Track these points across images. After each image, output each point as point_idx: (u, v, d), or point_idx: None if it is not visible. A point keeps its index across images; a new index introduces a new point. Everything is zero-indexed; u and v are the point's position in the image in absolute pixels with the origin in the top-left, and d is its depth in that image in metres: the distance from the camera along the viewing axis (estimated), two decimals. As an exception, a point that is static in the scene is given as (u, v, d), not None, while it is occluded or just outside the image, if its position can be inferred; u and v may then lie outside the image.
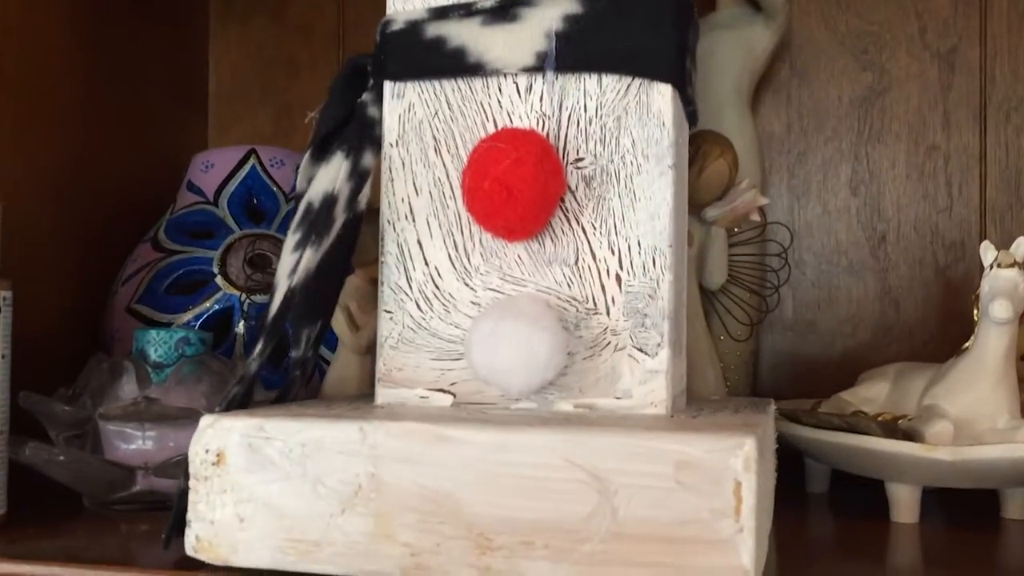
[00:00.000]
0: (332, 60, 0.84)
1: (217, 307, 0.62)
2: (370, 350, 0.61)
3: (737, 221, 0.59)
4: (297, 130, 0.84)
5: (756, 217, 0.59)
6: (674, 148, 0.44)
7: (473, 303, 0.45)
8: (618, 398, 0.43)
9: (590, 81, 0.45)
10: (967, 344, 0.55)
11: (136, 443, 0.48)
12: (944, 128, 0.72)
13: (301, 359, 0.47)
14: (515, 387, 0.42)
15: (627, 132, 0.44)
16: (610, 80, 0.44)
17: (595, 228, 0.44)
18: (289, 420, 0.39)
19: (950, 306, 0.72)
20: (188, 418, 0.48)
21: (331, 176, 0.47)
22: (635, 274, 0.44)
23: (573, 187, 0.44)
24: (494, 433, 0.37)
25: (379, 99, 0.48)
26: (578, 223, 0.44)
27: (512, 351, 0.41)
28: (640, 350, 0.43)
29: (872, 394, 0.59)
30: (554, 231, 0.45)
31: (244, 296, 0.59)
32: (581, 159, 0.44)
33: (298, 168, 0.54)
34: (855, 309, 0.73)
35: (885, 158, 0.73)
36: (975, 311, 0.55)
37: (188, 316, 0.62)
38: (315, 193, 0.47)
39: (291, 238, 0.47)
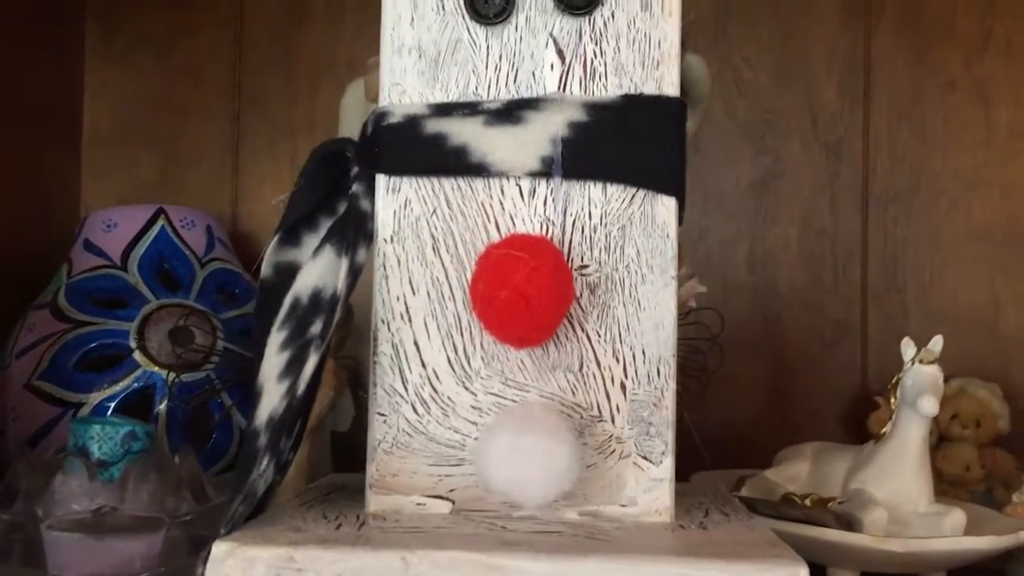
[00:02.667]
0: (227, 109, 0.80)
1: (136, 385, 0.57)
2: (314, 431, 0.58)
3: (679, 308, 0.61)
4: (187, 182, 0.79)
5: (693, 303, 0.62)
6: (677, 259, 0.45)
7: (474, 407, 0.45)
8: (623, 506, 0.44)
9: (595, 189, 0.45)
10: (885, 430, 0.59)
11: (93, 556, 0.44)
12: (831, 213, 0.78)
13: (287, 463, 0.45)
14: (534, 500, 0.42)
15: (632, 242, 0.45)
16: (615, 189, 0.45)
17: (600, 336, 0.45)
18: (322, 549, 0.37)
19: (836, 381, 0.77)
20: (154, 529, 0.44)
21: (320, 271, 0.45)
22: (640, 383, 0.44)
23: (578, 294, 0.45)
24: (549, 563, 0.36)
25: (370, 191, 0.46)
26: (583, 330, 0.45)
27: (534, 466, 0.41)
28: (645, 458, 0.44)
29: (794, 473, 0.63)
30: (558, 337, 0.45)
31: (173, 374, 0.55)
32: (586, 266, 0.45)
33: (210, 229, 0.52)
34: (751, 382, 0.77)
35: (779, 239, 0.78)
36: (892, 399, 0.59)
37: (102, 396, 0.57)
38: (303, 288, 0.45)
39: (276, 336, 0.45)
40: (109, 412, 0.56)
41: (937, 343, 0.58)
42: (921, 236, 0.77)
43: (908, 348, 0.59)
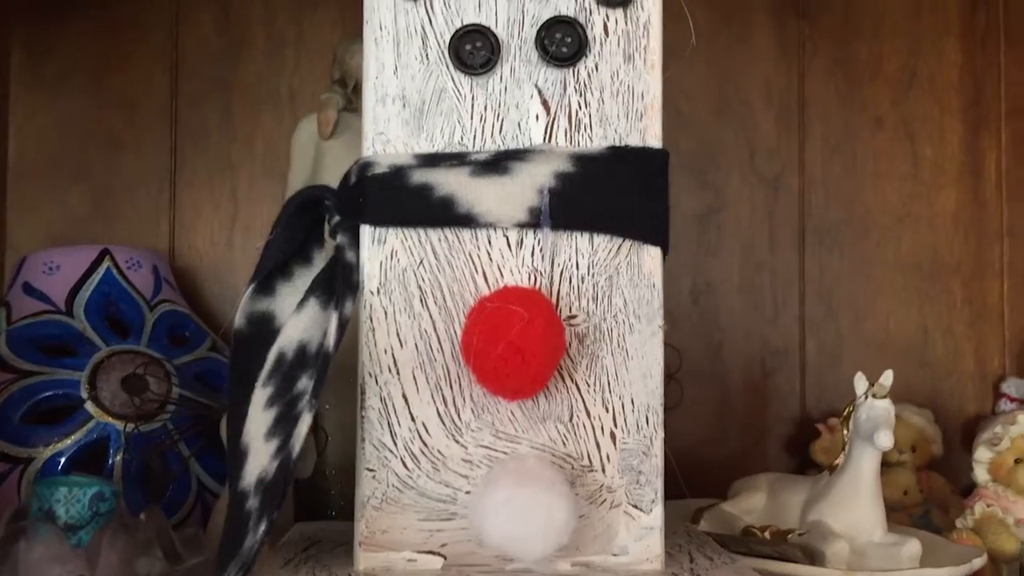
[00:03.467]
0: (163, 141, 0.77)
1: (90, 438, 0.55)
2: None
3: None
4: (122, 217, 0.76)
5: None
6: (663, 307, 0.46)
7: (464, 460, 0.44)
8: (615, 555, 0.44)
9: (582, 239, 0.45)
10: (838, 461, 0.61)
11: (67, 631, 0.42)
12: (770, 246, 0.80)
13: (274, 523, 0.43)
14: (533, 554, 0.42)
15: (619, 292, 0.45)
16: (602, 240, 0.45)
17: (589, 385, 0.45)
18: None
19: (776, 407, 0.80)
20: (134, 598, 0.42)
21: (305, 325, 0.44)
22: (629, 432, 0.45)
23: (567, 344, 0.45)
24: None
25: (355, 242, 0.45)
26: (572, 380, 0.45)
27: (533, 520, 0.41)
28: (635, 507, 0.44)
29: (750, 505, 0.64)
30: (548, 388, 0.45)
31: (132, 425, 0.53)
32: (574, 316, 0.45)
33: (157, 270, 0.50)
34: (695, 410, 0.79)
35: (720, 270, 0.80)
36: (844, 431, 0.61)
37: (53, 450, 0.54)
38: (287, 343, 0.44)
39: (260, 392, 0.43)
40: (61, 466, 0.53)
41: (887, 377, 0.60)
42: (854, 267, 0.80)
43: (860, 382, 0.61)
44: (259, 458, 0.42)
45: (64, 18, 0.76)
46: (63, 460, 0.53)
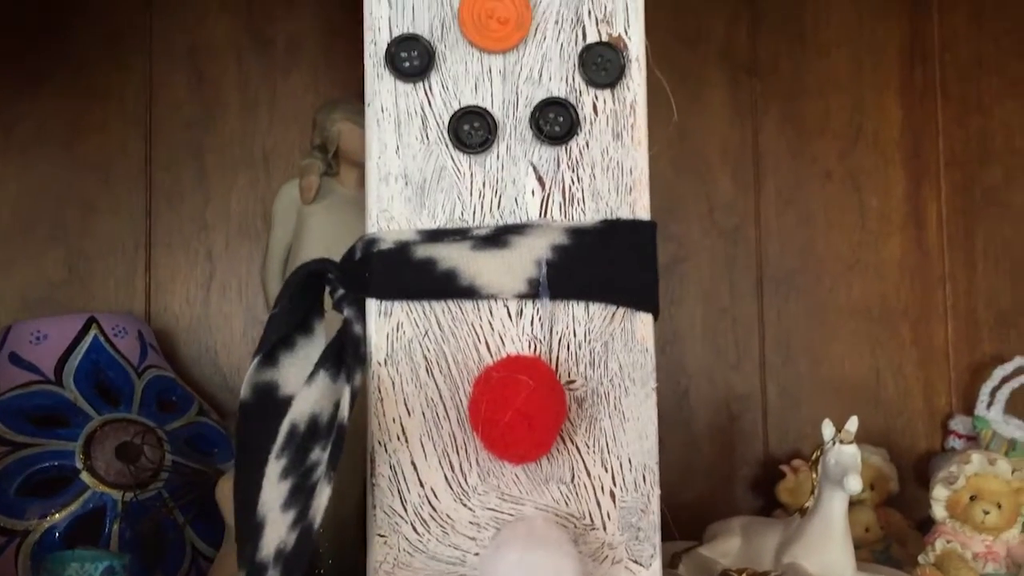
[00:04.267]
0: (138, 204, 0.78)
1: (86, 508, 0.55)
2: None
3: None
4: (96, 280, 0.76)
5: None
6: (656, 371, 0.48)
7: (472, 523, 0.46)
8: (618, 609, 0.46)
9: (578, 308, 0.48)
10: (808, 504, 0.65)
11: None
12: (731, 294, 0.84)
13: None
14: (545, 615, 0.43)
15: (614, 356, 0.48)
16: (597, 308, 0.48)
17: (588, 447, 0.47)
18: None
19: (741, 450, 0.83)
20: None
21: (316, 398, 0.46)
22: (628, 490, 0.47)
23: (568, 408, 0.47)
24: None
25: (361, 315, 0.47)
26: (572, 442, 0.47)
27: (544, 581, 0.43)
28: (635, 562, 0.47)
29: (726, 549, 0.67)
30: (550, 451, 0.47)
31: (131, 494, 0.53)
32: (573, 381, 0.47)
33: (142, 335, 0.51)
34: (664, 454, 0.81)
35: (684, 319, 0.83)
36: (813, 475, 0.65)
37: (50, 522, 0.54)
38: (299, 416, 0.45)
39: (274, 465, 0.45)
40: (58, 537, 0.53)
41: (853, 423, 0.64)
42: (809, 313, 0.84)
43: (827, 429, 0.64)
44: (277, 529, 0.43)
45: (37, 83, 0.77)
46: (60, 531, 0.53)
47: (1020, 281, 0.85)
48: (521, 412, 0.44)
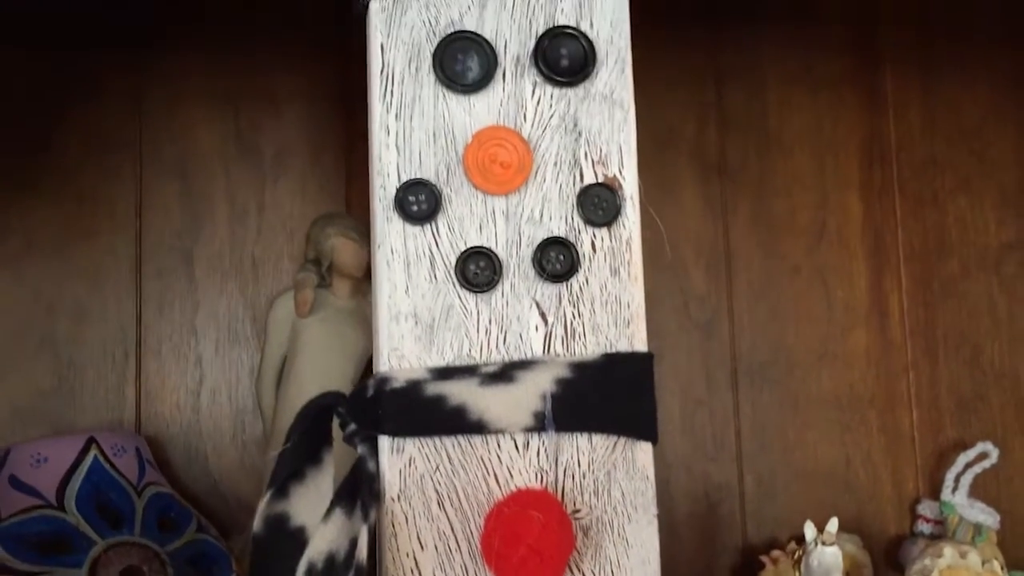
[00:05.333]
0: (128, 311, 0.79)
1: (92, 637, 0.56)
2: None
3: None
4: (86, 386, 0.77)
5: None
6: (656, 498, 0.50)
7: (485, 654, 0.48)
8: None
9: (582, 439, 0.50)
10: (791, 598, 0.67)
11: None
12: (707, 386, 0.86)
13: None
14: None
15: (617, 485, 0.50)
16: (599, 438, 0.50)
17: (594, 574, 0.49)
18: None
19: (720, 538, 0.85)
20: None
21: (332, 536, 0.47)
22: (633, 614, 0.49)
23: (574, 538, 0.49)
24: None
25: (374, 452, 0.49)
26: (579, 570, 0.49)
27: None
28: None
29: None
30: (559, 579, 0.49)
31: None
32: (578, 510, 0.49)
33: (139, 452, 0.52)
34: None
35: (663, 412, 0.85)
36: (796, 573, 0.67)
37: (57, 652, 0.55)
38: (316, 554, 0.47)
39: (292, 603, 0.46)
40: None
41: (833, 524, 0.66)
42: (782, 403, 0.87)
43: (809, 530, 0.67)
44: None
45: (27, 194, 0.78)
46: (67, 661, 0.54)
47: (978, 368, 0.90)
48: (533, 548, 0.46)
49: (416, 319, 0.50)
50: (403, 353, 0.50)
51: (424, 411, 0.49)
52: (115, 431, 0.67)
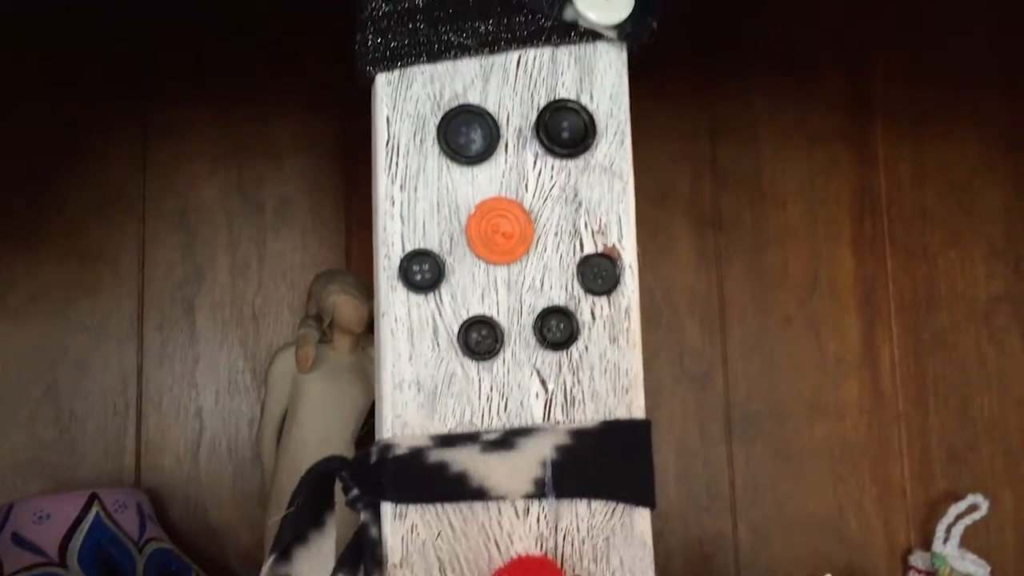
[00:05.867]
0: (129, 363, 0.79)
1: None
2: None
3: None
4: (87, 437, 0.77)
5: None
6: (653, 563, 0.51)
7: None
8: None
9: (581, 505, 0.51)
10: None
11: None
12: (701, 438, 0.87)
13: None
14: None
15: (616, 551, 0.51)
16: (598, 504, 0.51)
17: (593, 639, 0.50)
18: None
19: (715, 589, 0.86)
20: None
21: (335, 602, 0.48)
22: None
23: (574, 603, 0.50)
24: None
25: (377, 518, 0.49)
26: (578, 635, 0.50)
27: None
28: None
29: None
30: (559, 645, 0.49)
31: None
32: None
33: (140, 508, 0.53)
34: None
35: (658, 463, 0.86)
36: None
37: None
38: (319, 621, 0.48)
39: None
40: None
41: (827, 579, 0.68)
42: (776, 454, 0.88)
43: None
44: None
45: (31, 247, 0.79)
46: None
47: (968, 420, 0.91)
48: (534, 615, 0.47)
49: (419, 387, 0.51)
50: (406, 420, 0.51)
51: (426, 478, 0.50)
52: (117, 487, 0.67)
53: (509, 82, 0.53)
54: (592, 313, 0.53)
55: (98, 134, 0.81)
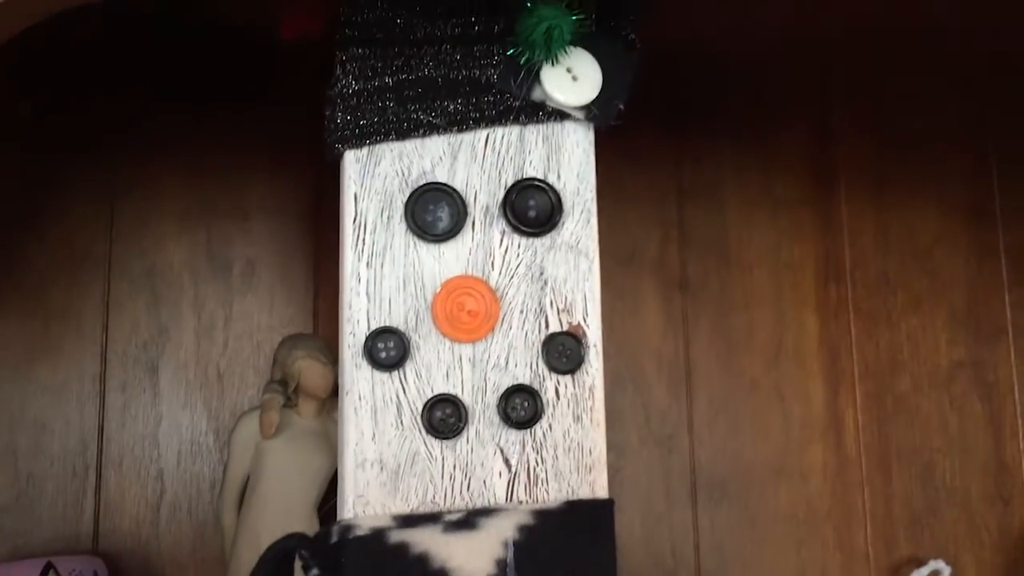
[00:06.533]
0: (90, 424, 0.78)
1: None
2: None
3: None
4: (46, 500, 0.76)
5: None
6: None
7: None
8: None
9: (543, 586, 0.51)
10: None
11: None
12: (667, 501, 0.87)
13: None
14: None
15: (577, 632, 0.51)
16: (561, 586, 0.51)
17: None
18: None
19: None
20: None
21: None
22: None
23: None
24: None
25: (338, 597, 0.49)
26: None
27: None
28: None
29: None
30: None
31: None
32: (538, 659, 0.50)
33: (96, 575, 0.52)
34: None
35: (624, 524, 0.86)
36: None
37: None
38: None
39: None
40: None
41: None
42: (740, 518, 0.88)
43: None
44: None
45: (-7, 306, 0.78)
46: None
47: (930, 484, 0.91)
48: None
49: (382, 466, 0.51)
50: (368, 500, 0.50)
51: (387, 559, 0.49)
52: (73, 555, 0.66)
53: (477, 160, 0.54)
54: (556, 392, 0.54)
55: (65, 195, 0.80)
